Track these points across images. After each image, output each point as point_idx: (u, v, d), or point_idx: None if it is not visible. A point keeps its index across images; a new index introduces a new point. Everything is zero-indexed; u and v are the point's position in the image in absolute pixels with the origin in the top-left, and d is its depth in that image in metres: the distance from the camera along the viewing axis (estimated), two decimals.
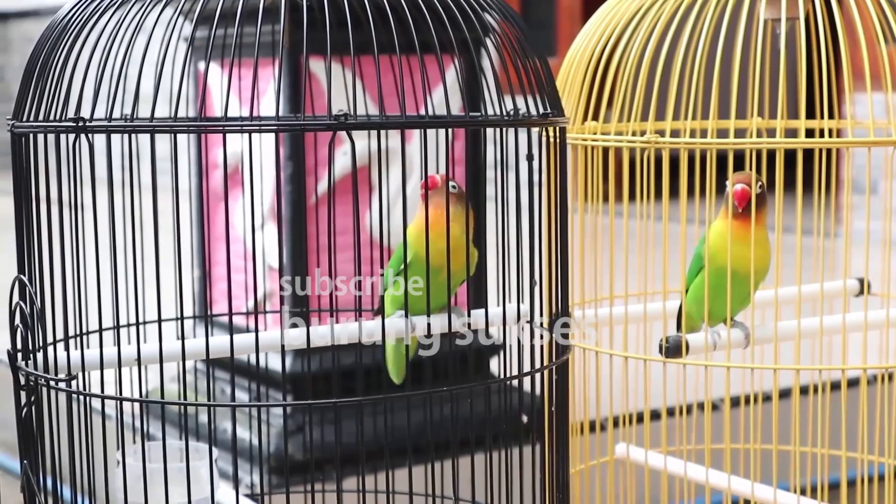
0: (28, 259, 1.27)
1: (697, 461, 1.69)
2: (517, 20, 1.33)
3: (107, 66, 1.23)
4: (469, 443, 1.36)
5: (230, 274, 1.20)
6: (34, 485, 1.27)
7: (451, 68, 1.92)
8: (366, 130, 1.16)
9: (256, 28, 1.16)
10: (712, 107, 1.54)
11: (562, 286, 1.34)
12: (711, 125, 1.52)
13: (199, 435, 2.29)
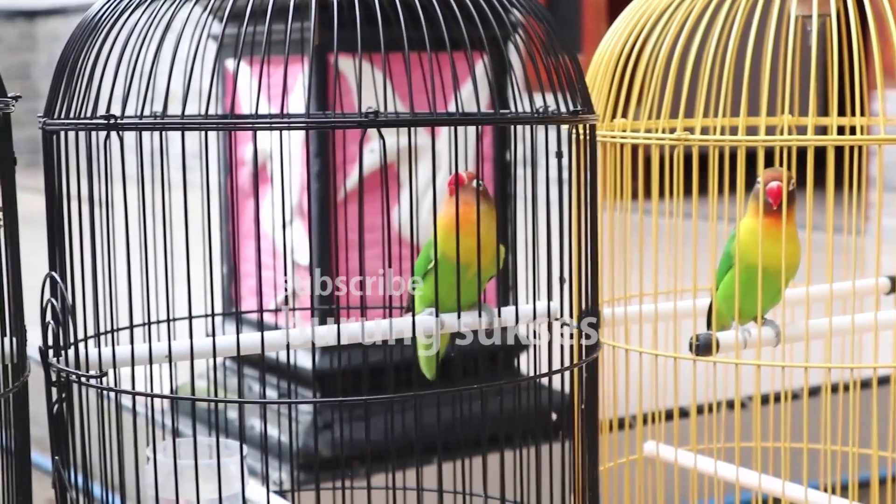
0: (59, 256, 1.28)
1: (726, 459, 1.68)
2: (546, 17, 1.32)
3: (137, 63, 1.23)
4: (498, 440, 1.36)
5: (260, 271, 1.20)
6: (65, 481, 1.28)
7: (480, 65, 1.91)
8: (396, 128, 1.16)
9: (285, 26, 1.16)
10: (743, 104, 1.54)
11: (591, 284, 1.33)
12: (742, 122, 1.52)
13: (228, 432, 2.30)
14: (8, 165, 1.20)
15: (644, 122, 1.61)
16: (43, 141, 1.29)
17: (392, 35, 1.18)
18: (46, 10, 8.78)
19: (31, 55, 8.89)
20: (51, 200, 1.28)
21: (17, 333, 1.22)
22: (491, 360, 2.21)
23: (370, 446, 1.20)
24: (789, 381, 1.68)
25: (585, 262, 1.32)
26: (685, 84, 1.58)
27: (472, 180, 1.37)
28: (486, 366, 2.19)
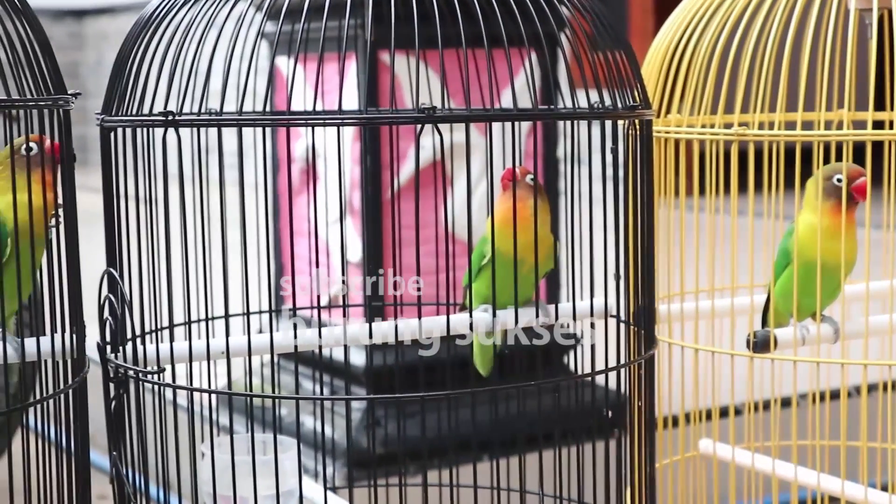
0: (117, 253, 1.28)
1: (781, 458, 1.67)
2: (599, 11, 1.32)
3: (190, 61, 1.24)
4: (551, 437, 1.36)
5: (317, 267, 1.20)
6: (123, 477, 1.28)
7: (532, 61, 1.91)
8: (453, 123, 1.16)
9: (336, 22, 1.16)
10: (800, 98, 1.52)
11: (647, 280, 1.33)
12: (799, 118, 1.50)
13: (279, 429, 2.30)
14: (68, 163, 1.21)
15: (687, 118, 1.60)
16: (101, 138, 1.29)
17: (444, 32, 1.17)
18: (94, 9, 8.84)
19: (79, 54, 8.96)
20: (108, 197, 1.29)
21: (76, 330, 1.23)
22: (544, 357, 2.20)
23: (416, 443, 1.20)
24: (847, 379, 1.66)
25: (642, 258, 1.31)
26: (740, 80, 1.57)
27: (526, 175, 1.36)
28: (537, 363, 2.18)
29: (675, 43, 1.63)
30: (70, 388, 1.21)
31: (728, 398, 1.76)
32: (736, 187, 1.57)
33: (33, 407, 1.19)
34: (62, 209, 1.22)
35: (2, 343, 1.20)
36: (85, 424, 1.24)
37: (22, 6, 1.20)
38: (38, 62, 1.19)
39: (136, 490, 1.28)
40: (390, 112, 1.21)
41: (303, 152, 2.41)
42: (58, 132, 1.20)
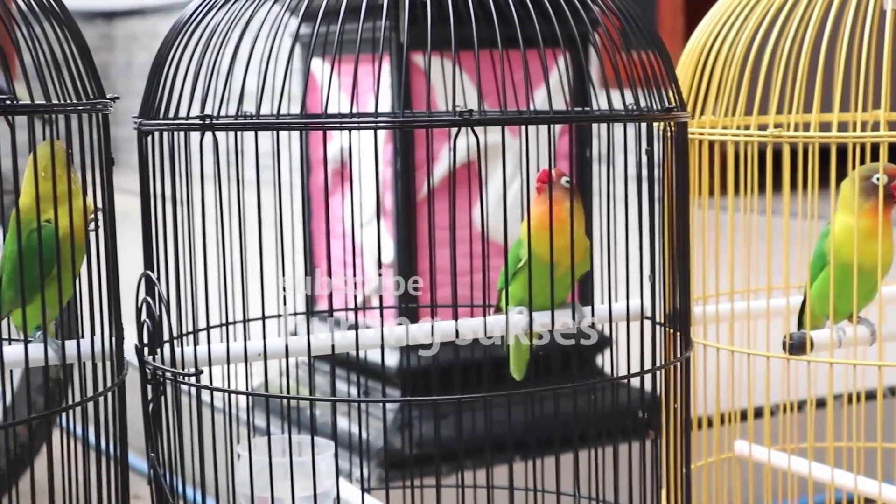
0: (154, 255, 1.29)
1: (816, 459, 1.67)
2: (631, 13, 1.32)
3: (231, 64, 1.24)
4: (586, 438, 1.36)
5: (351, 268, 1.21)
6: (161, 478, 1.29)
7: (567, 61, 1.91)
8: (490, 126, 1.16)
9: (370, 24, 1.16)
10: (836, 99, 1.52)
11: (683, 282, 1.32)
12: (835, 118, 1.50)
13: (306, 430, 2.31)
14: (107, 166, 1.21)
15: (721, 119, 1.60)
16: (138, 141, 1.30)
17: (468, 33, 1.17)
18: (125, 10, 8.88)
19: (109, 56, 8.99)
20: (145, 200, 1.29)
21: (115, 333, 1.24)
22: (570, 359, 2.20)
23: (462, 444, 1.20)
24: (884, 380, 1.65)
25: (678, 259, 1.31)
26: (773, 81, 1.56)
27: (562, 178, 1.36)
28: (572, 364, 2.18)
29: (708, 44, 1.63)
30: (109, 390, 1.22)
31: (759, 399, 1.75)
32: (770, 188, 1.56)
33: (72, 409, 1.19)
34: (100, 213, 1.23)
35: (44, 346, 1.21)
36: (124, 426, 1.25)
37: (61, 10, 1.20)
38: (76, 66, 1.20)
39: (173, 491, 1.29)
40: (426, 115, 1.21)
41: (333, 154, 2.42)
42: (97, 136, 1.21)
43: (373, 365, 2.30)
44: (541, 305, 1.32)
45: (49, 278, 1.20)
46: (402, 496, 1.53)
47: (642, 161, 1.31)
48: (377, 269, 1.84)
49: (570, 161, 1.44)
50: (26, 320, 1.18)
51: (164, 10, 8.22)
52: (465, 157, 2.20)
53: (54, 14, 1.20)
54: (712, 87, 1.62)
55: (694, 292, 1.62)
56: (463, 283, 1.36)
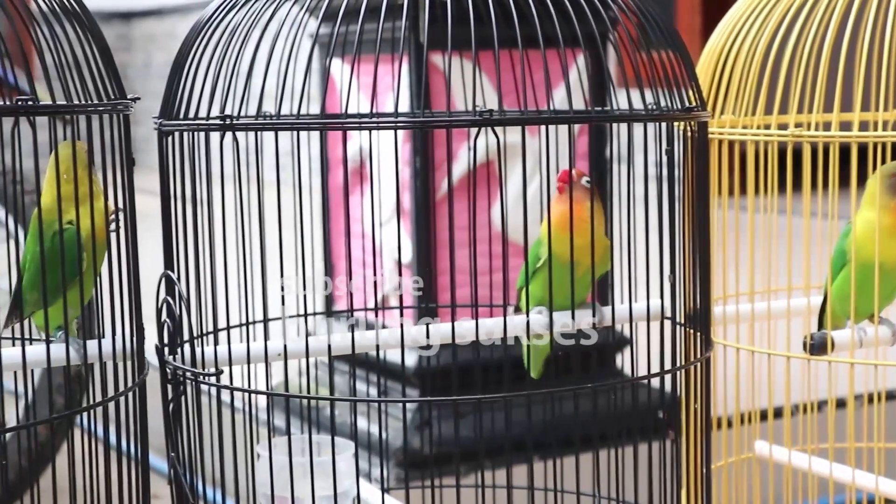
0: (174, 255, 1.29)
1: (836, 460, 1.66)
2: (650, 12, 1.31)
3: (253, 64, 1.24)
4: (605, 438, 1.35)
5: (367, 268, 1.20)
6: (181, 477, 1.29)
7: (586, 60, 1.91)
8: (510, 126, 1.16)
9: (389, 24, 1.16)
10: (857, 98, 1.51)
11: (703, 282, 1.32)
12: (856, 118, 1.49)
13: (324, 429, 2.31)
14: (127, 166, 1.22)
15: (741, 119, 1.60)
16: (158, 141, 1.30)
17: (487, 33, 1.17)
18: (142, 11, 8.89)
19: (127, 56, 9.01)
20: (166, 200, 1.29)
21: (135, 332, 1.24)
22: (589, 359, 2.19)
23: (482, 444, 1.20)
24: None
25: (698, 259, 1.31)
26: (794, 80, 1.56)
27: (582, 178, 1.36)
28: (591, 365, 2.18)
29: (728, 44, 1.62)
30: (130, 389, 1.22)
31: (778, 400, 1.75)
32: (791, 187, 1.56)
33: (93, 409, 1.20)
34: (120, 214, 1.23)
35: (66, 345, 1.21)
36: (144, 426, 1.25)
37: (82, 11, 1.21)
38: (97, 67, 1.20)
39: (194, 491, 1.29)
40: (446, 115, 1.21)
41: (352, 154, 2.41)
42: (118, 136, 1.21)
43: (391, 365, 2.30)
44: (560, 305, 1.32)
45: (71, 279, 1.21)
46: (420, 496, 1.53)
47: (662, 161, 1.31)
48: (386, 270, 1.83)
49: (588, 161, 1.44)
50: (48, 321, 1.18)
51: (181, 11, 8.23)
52: (483, 157, 2.20)
53: (75, 15, 1.20)
54: (732, 87, 1.62)
55: (713, 292, 1.61)
56: (482, 283, 1.35)
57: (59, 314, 1.21)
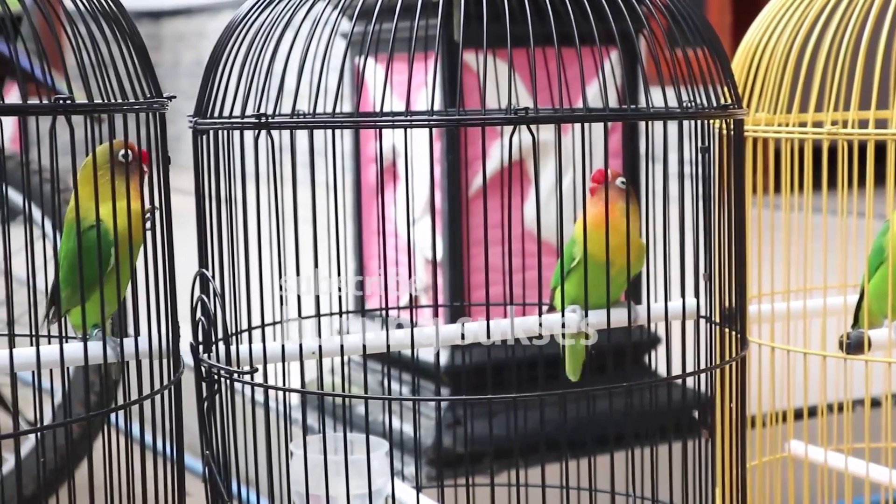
0: (208, 254, 1.29)
1: (871, 460, 1.65)
2: (684, 9, 1.31)
3: (287, 63, 1.24)
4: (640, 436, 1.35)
5: (400, 267, 1.20)
6: (216, 475, 1.29)
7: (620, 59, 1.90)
8: (545, 124, 1.16)
9: (421, 22, 1.16)
10: (893, 96, 1.50)
11: (739, 281, 1.31)
12: (893, 115, 1.48)
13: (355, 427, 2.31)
14: (163, 164, 1.22)
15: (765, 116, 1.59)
16: (193, 140, 1.30)
17: (517, 31, 1.17)
18: (171, 10, 8.93)
19: (156, 55, 9.04)
20: (200, 199, 1.30)
21: (171, 330, 1.24)
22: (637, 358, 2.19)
23: (517, 442, 1.20)
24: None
25: (734, 258, 1.30)
26: (830, 77, 1.55)
27: (617, 178, 1.36)
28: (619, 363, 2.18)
29: (763, 41, 1.61)
30: (166, 388, 1.23)
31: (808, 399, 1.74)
32: (826, 185, 1.55)
33: (129, 407, 1.20)
34: (156, 212, 1.24)
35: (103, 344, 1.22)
36: (180, 424, 1.25)
37: (119, 10, 1.21)
38: (133, 66, 1.20)
39: (229, 489, 1.30)
40: (481, 113, 1.21)
41: (383, 152, 2.42)
42: (154, 135, 1.21)
43: (421, 363, 2.30)
44: (595, 304, 1.32)
45: (104, 276, 1.21)
46: (454, 495, 1.53)
47: (697, 159, 1.31)
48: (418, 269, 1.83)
49: (622, 159, 1.43)
50: (85, 319, 1.18)
51: (210, 10, 8.26)
52: (514, 156, 2.20)
53: (112, 14, 1.21)
54: (767, 85, 1.61)
55: (748, 291, 1.61)
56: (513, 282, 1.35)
57: (94, 312, 1.22)
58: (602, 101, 1.27)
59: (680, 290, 1.30)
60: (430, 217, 1.25)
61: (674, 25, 1.28)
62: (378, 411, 2.41)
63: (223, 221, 1.29)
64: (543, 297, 1.55)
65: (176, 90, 6.38)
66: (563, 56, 1.18)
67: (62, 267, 1.27)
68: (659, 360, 2.32)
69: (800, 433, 1.71)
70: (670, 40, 1.28)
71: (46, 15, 1.15)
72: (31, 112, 1.08)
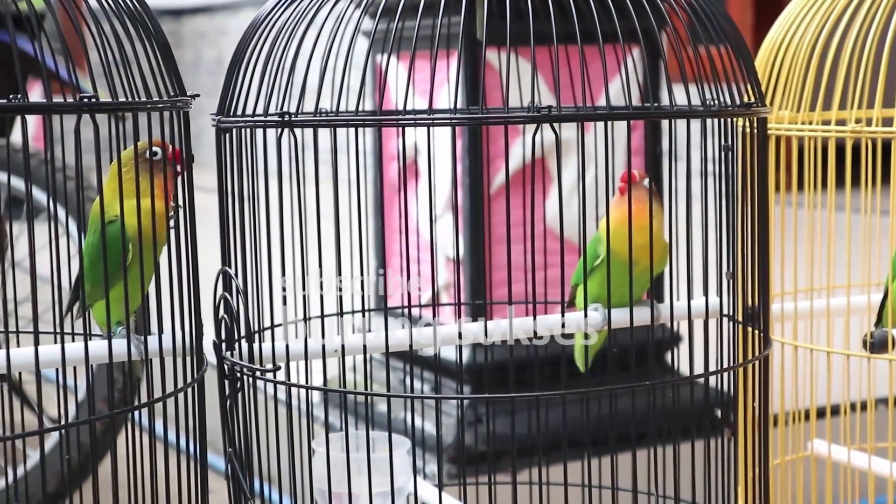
0: (231, 252, 1.30)
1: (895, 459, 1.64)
2: (710, 8, 1.30)
3: (310, 61, 1.24)
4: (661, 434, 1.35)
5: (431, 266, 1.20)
6: (238, 473, 1.30)
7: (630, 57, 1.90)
8: (566, 122, 1.15)
9: (448, 20, 1.16)
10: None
11: (762, 280, 1.31)
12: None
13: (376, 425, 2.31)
14: (187, 163, 1.22)
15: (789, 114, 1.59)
16: (216, 138, 1.31)
17: (538, 29, 1.17)
18: (192, 8, 8.94)
19: (177, 53, 9.05)
20: (223, 197, 1.30)
21: (194, 328, 1.25)
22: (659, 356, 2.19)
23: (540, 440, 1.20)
24: None
25: (758, 257, 1.30)
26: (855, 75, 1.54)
27: (643, 179, 1.36)
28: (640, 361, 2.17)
29: (786, 40, 1.61)
30: (190, 385, 1.23)
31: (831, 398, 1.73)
32: (849, 183, 1.55)
33: (153, 405, 1.20)
34: (180, 210, 1.24)
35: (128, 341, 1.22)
36: (203, 421, 1.25)
37: (143, 9, 1.21)
38: (158, 64, 1.21)
39: (251, 487, 1.30)
40: (503, 111, 1.21)
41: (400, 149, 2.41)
42: (178, 133, 1.22)
43: (443, 361, 2.30)
44: (617, 303, 1.32)
45: (116, 274, 1.21)
46: (475, 493, 1.53)
47: (720, 157, 1.30)
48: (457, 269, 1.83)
49: (644, 157, 1.43)
50: (110, 316, 1.19)
51: (231, 8, 8.27)
52: (536, 153, 2.19)
53: (136, 13, 1.21)
54: (790, 82, 1.60)
55: (771, 289, 1.60)
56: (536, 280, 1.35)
57: (117, 309, 1.22)
58: (624, 99, 1.27)
59: (703, 289, 1.29)
60: (452, 215, 1.26)
61: (696, 22, 1.28)
62: (399, 409, 2.41)
63: (246, 219, 1.29)
64: (556, 296, 1.55)
65: (197, 88, 6.39)
66: (585, 53, 1.18)
67: (85, 262, 1.28)
68: (681, 358, 2.31)
69: (822, 432, 1.70)
70: (693, 37, 1.27)
71: (71, 13, 1.16)
72: (56, 111, 1.08)
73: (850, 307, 1.54)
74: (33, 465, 2.18)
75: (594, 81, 1.41)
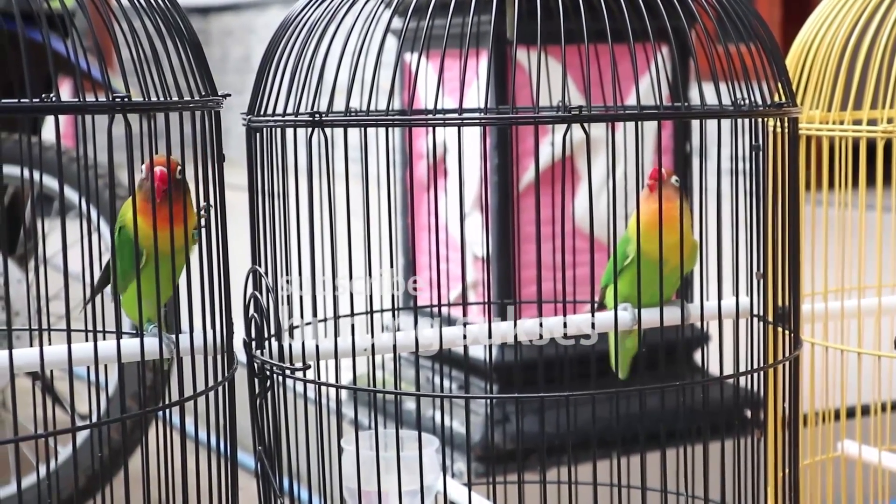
0: (262, 250, 1.30)
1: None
2: (740, 7, 1.30)
3: (341, 60, 1.25)
4: (693, 434, 1.34)
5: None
6: (268, 471, 1.30)
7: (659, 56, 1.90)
8: (595, 122, 1.15)
9: (478, 19, 1.16)
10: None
11: (793, 280, 1.31)
12: None
13: (404, 424, 2.31)
14: (218, 162, 1.23)
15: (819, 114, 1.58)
16: (247, 138, 1.31)
17: (572, 27, 1.16)
18: (219, 6, 8.97)
19: (205, 50, 9.09)
20: (253, 196, 1.30)
21: (225, 327, 1.25)
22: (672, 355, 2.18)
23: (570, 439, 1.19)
24: None
25: (788, 258, 1.29)
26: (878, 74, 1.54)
27: (671, 177, 1.36)
28: (668, 361, 2.17)
29: (816, 40, 1.60)
30: (220, 384, 1.23)
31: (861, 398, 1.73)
32: (880, 182, 1.54)
33: (184, 403, 1.21)
34: (210, 209, 1.24)
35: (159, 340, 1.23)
36: (233, 419, 1.26)
37: (175, 9, 1.22)
38: (189, 63, 1.21)
39: (280, 484, 1.30)
40: (533, 111, 1.21)
41: (427, 148, 2.42)
42: (209, 132, 1.22)
43: (472, 360, 2.30)
44: (647, 302, 1.32)
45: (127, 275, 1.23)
46: (504, 491, 1.53)
47: (749, 157, 1.30)
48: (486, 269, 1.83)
49: (673, 156, 1.43)
50: (142, 315, 1.19)
51: (258, 6, 8.29)
52: (572, 152, 2.19)
53: (168, 13, 1.21)
54: (821, 82, 1.60)
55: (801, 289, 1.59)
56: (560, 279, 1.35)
57: (148, 308, 1.23)
58: (654, 98, 1.27)
59: (733, 289, 1.29)
60: (481, 213, 1.25)
61: (727, 20, 1.27)
62: (428, 407, 2.41)
63: (277, 218, 1.29)
64: (583, 296, 1.55)
65: (224, 85, 6.41)
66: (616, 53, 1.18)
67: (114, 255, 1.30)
68: (710, 358, 2.31)
69: (852, 433, 1.70)
70: (723, 36, 1.27)
71: (102, 11, 1.16)
72: (89, 110, 1.09)
73: (880, 307, 1.53)
74: (64, 461, 2.19)
75: (623, 80, 1.41)
